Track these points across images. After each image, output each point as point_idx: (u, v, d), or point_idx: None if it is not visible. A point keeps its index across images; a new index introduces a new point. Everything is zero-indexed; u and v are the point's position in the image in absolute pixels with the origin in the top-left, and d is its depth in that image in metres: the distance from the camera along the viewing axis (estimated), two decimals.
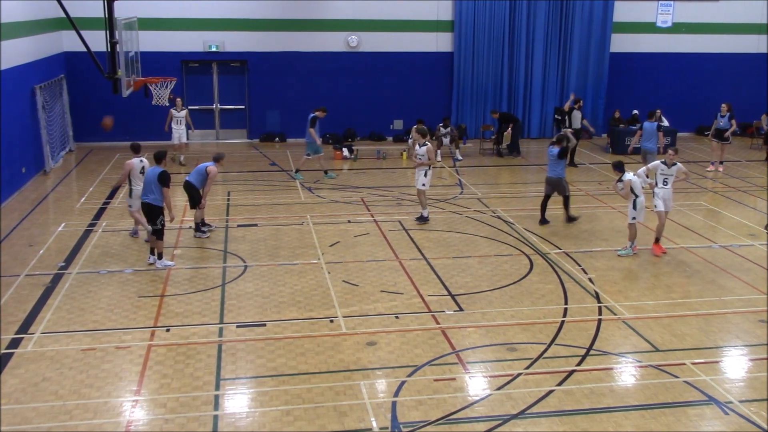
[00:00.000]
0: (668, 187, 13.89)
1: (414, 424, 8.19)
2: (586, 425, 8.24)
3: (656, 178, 13.98)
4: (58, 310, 11.11)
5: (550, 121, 25.95)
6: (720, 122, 21.05)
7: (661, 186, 13.89)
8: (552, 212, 16.12)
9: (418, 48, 24.82)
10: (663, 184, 13.89)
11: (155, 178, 12.68)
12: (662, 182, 13.90)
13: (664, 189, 13.86)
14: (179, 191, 15.32)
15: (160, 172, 12.71)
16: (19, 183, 18.01)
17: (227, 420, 8.29)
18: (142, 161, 14.12)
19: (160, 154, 13.17)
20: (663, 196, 13.84)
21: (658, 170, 13.93)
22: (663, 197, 13.84)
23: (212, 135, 24.85)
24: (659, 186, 13.91)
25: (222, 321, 10.81)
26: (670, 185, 13.90)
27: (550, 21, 25.12)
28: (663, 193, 13.84)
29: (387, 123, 25.10)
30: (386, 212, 16.45)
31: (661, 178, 13.91)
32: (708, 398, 8.82)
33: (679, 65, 26.38)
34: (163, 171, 12.75)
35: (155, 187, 12.69)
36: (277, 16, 23.88)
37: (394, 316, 11.00)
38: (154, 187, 12.70)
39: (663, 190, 13.86)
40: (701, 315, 11.23)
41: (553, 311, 11.28)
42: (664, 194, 13.84)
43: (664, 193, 13.84)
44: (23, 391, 8.78)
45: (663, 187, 13.87)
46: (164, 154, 13.25)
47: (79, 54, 18.22)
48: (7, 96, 17.09)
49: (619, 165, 13.94)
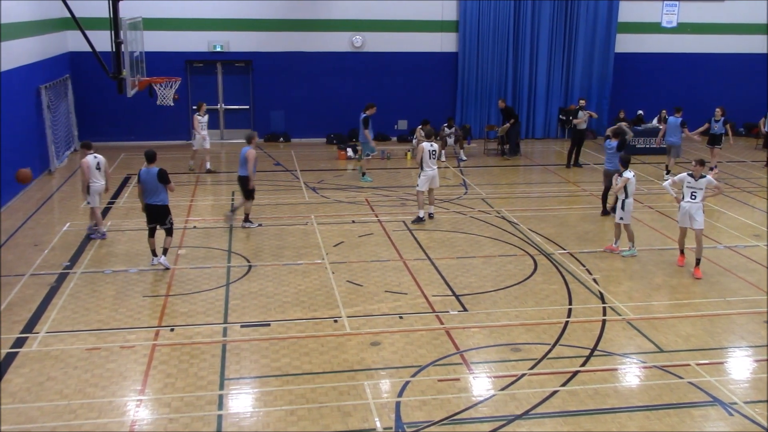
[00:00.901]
0: (697, 202, 12.75)
1: (418, 424, 8.19)
2: (590, 426, 8.23)
3: (683, 191, 12.93)
4: (62, 309, 11.14)
5: (555, 121, 25.94)
6: (714, 127, 20.09)
7: (689, 200, 12.79)
8: (557, 212, 16.10)
9: (422, 48, 24.81)
10: (690, 198, 12.78)
11: (155, 178, 12.61)
12: (689, 196, 12.81)
13: (691, 203, 12.75)
14: (183, 191, 15.34)
15: (158, 172, 12.62)
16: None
17: (231, 420, 8.30)
18: (96, 157, 14.25)
19: (151, 153, 12.99)
20: (689, 210, 12.73)
21: (685, 183, 12.88)
22: (690, 212, 12.74)
23: (217, 135, 24.85)
24: (686, 200, 12.84)
25: (226, 321, 10.83)
26: (698, 199, 12.77)
27: (555, 21, 25.10)
28: (689, 207, 12.74)
29: (391, 123, 25.09)
30: (390, 212, 16.46)
31: (688, 192, 12.83)
32: (712, 399, 8.80)
33: (684, 65, 26.33)
34: (160, 170, 12.65)
35: (158, 187, 12.67)
36: (282, 16, 23.90)
37: (398, 317, 11.00)
38: (157, 188, 12.68)
39: (690, 204, 12.75)
40: (706, 316, 11.21)
41: (558, 312, 11.27)
42: (690, 208, 12.73)
43: (690, 207, 12.73)
44: (28, 391, 8.80)
45: (691, 201, 12.76)
46: (154, 153, 13.04)
47: (84, 54, 18.24)
48: (13, 96, 17.13)
49: (626, 161, 13.86)
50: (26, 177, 12.25)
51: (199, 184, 18.96)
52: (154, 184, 12.63)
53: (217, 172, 20.18)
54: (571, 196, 18.08)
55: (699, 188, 12.78)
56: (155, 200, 12.72)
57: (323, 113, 24.71)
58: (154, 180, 12.61)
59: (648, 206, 17.11)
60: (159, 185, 12.64)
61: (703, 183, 12.78)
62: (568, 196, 18.05)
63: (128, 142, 23.44)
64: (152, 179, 12.62)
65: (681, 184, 13.03)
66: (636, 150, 22.84)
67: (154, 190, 12.68)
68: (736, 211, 16.86)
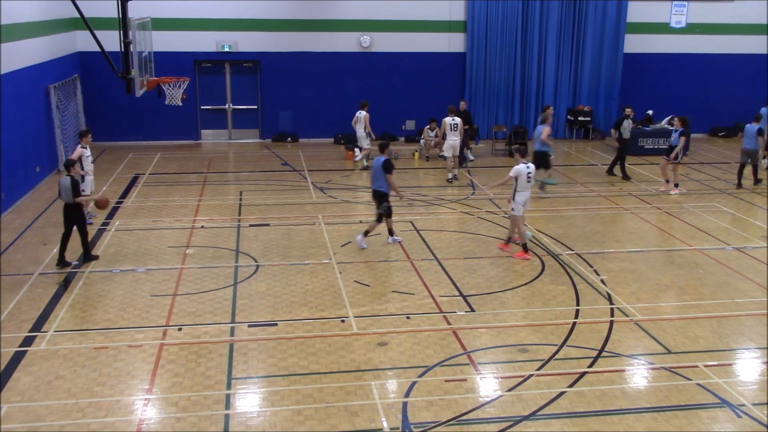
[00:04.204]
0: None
1: (425, 424, 8.19)
2: (597, 427, 8.21)
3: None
4: (71, 308, 11.19)
5: (563, 121, 25.88)
6: (672, 137, 18.50)
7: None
8: (567, 213, 16.05)
9: (430, 48, 24.79)
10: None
11: (380, 166, 13.71)
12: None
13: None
14: (191, 191, 15.25)
15: (383, 161, 13.75)
16: (34, 182, 18.14)
17: (238, 419, 8.31)
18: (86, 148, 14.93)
19: (384, 144, 14.32)
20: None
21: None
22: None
23: (224, 135, 24.92)
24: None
25: (233, 320, 10.85)
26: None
27: (563, 21, 25.03)
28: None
29: (399, 123, 25.08)
30: (398, 213, 16.44)
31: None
32: (721, 401, 8.77)
33: (693, 66, 26.22)
34: (386, 159, 13.80)
35: (381, 174, 13.73)
36: (290, 16, 23.93)
37: (405, 317, 11.01)
38: (380, 175, 13.77)
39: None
40: (714, 317, 11.17)
41: (565, 312, 11.25)
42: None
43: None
44: (36, 389, 8.84)
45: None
46: (387, 144, 14.37)
47: (92, 54, 18.34)
48: (22, 95, 17.22)
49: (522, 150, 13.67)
50: (104, 204, 13.75)
51: (207, 183, 18.99)
52: (379, 170, 13.76)
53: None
54: (578, 197, 18.03)
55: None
56: (378, 186, 13.91)
57: (331, 113, 24.71)
58: (379, 167, 13.73)
59: (656, 207, 17.05)
60: (381, 173, 13.71)
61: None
62: (575, 197, 18.01)
63: (137, 141, 23.54)
64: (379, 166, 13.75)
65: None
66: (644, 150, 22.80)
67: (377, 177, 13.84)
68: (745, 213, 16.78)
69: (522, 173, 13.36)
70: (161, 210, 16.45)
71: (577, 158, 23.12)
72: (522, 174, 13.36)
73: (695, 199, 17.72)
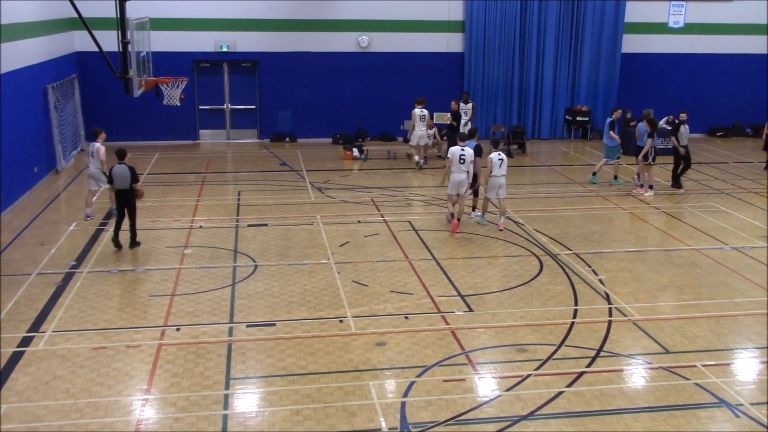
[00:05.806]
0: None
1: (423, 424, 8.19)
2: (595, 427, 8.22)
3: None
4: (69, 308, 11.17)
5: (561, 121, 25.90)
6: (643, 139, 18.24)
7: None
8: (566, 213, 16.05)
9: (428, 48, 24.80)
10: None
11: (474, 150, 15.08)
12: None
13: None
14: (189, 191, 15.29)
15: (475, 146, 15.19)
16: (31, 182, 18.12)
17: (237, 419, 8.31)
18: (94, 144, 15.62)
19: (473, 130, 15.98)
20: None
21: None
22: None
23: (223, 135, 24.91)
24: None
25: (232, 320, 10.84)
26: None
27: (562, 21, 25.05)
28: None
29: (397, 123, 25.05)
30: (396, 212, 16.46)
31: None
32: (719, 401, 8.78)
33: (691, 66, 26.25)
34: (477, 144, 15.36)
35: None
36: (288, 16, 23.92)
37: (403, 317, 11.01)
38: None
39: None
40: (712, 317, 11.18)
41: (563, 312, 11.25)
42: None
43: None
44: (35, 389, 8.84)
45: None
46: (476, 130, 16.01)
47: (91, 54, 18.31)
48: (20, 95, 17.20)
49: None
50: (142, 194, 14.22)
51: (205, 183, 18.98)
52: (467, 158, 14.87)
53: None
54: (577, 197, 18.04)
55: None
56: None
57: (329, 113, 24.73)
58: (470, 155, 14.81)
59: (655, 207, 17.07)
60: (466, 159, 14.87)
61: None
62: (573, 197, 18.02)
63: (135, 141, 23.48)
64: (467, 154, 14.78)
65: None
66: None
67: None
68: (743, 212, 16.79)
69: (455, 155, 14.84)
70: (159, 210, 16.44)
71: (575, 158, 23.16)
72: (455, 155, 14.86)
73: (693, 200, 17.74)
